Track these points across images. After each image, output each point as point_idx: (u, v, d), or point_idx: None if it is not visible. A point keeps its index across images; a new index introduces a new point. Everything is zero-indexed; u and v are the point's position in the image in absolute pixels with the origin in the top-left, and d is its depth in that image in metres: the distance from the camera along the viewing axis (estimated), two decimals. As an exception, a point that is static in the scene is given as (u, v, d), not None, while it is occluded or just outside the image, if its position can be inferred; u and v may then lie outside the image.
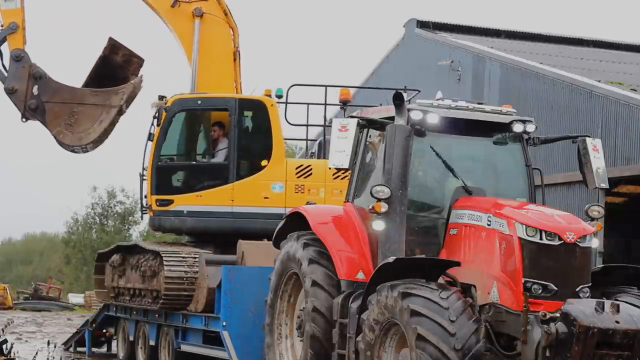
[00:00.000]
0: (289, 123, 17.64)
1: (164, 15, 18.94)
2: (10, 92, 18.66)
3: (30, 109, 18.87)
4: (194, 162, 17.91)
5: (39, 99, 18.65)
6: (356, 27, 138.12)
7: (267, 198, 17.01)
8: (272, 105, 17.40)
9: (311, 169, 17.13)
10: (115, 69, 19.63)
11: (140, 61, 19.81)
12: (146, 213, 17.78)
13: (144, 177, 17.62)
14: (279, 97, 17.81)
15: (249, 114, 17.54)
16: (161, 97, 17.94)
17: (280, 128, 17.40)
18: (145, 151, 17.59)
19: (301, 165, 17.19)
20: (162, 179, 17.51)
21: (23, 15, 18.76)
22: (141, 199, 18.02)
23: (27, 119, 18.91)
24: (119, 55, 19.81)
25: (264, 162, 17.18)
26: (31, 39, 19.07)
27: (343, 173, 16.52)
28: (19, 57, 18.62)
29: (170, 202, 17.38)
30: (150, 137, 17.60)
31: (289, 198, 16.92)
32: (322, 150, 17.84)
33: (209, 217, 17.24)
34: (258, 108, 17.46)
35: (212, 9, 18.66)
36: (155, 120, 17.46)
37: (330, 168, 12.33)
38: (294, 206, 15.67)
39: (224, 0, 18.89)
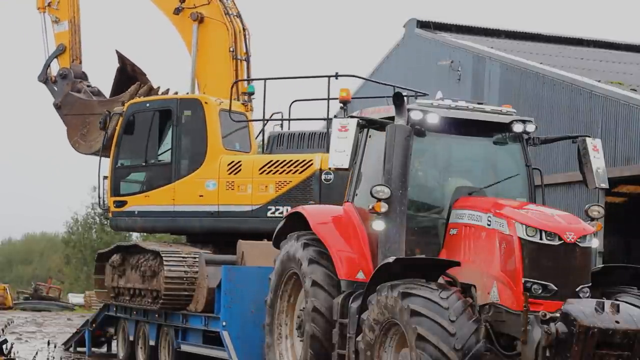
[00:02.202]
0: (232, 120, 17.50)
1: (168, 17, 19.23)
2: (57, 108, 20.19)
3: None
4: (144, 164, 18.16)
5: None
6: (356, 27, 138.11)
7: (202, 196, 17.10)
8: (206, 102, 17.50)
9: (241, 165, 16.92)
10: (132, 78, 20.36)
11: (141, 70, 20.50)
12: (105, 215, 18.34)
13: (105, 180, 18.37)
14: (251, 93, 17.98)
15: (188, 113, 17.62)
16: (123, 103, 18.68)
17: (217, 125, 17.36)
18: (100, 157, 18.50)
19: (232, 162, 17.02)
20: (118, 181, 18.16)
21: (70, 37, 20.53)
22: (99, 200, 18.69)
23: None
24: (128, 66, 20.59)
25: (200, 160, 17.26)
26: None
27: (268, 168, 16.49)
28: (64, 75, 20.28)
29: (125, 203, 17.99)
30: (102, 141, 18.50)
31: (221, 195, 16.93)
32: (269, 145, 17.56)
33: (155, 217, 17.69)
34: (195, 107, 17.58)
35: (213, 13, 18.74)
36: (100, 124, 18.58)
37: (330, 168, 12.27)
38: (226, 203, 15.94)
39: (234, 3, 18.97)
